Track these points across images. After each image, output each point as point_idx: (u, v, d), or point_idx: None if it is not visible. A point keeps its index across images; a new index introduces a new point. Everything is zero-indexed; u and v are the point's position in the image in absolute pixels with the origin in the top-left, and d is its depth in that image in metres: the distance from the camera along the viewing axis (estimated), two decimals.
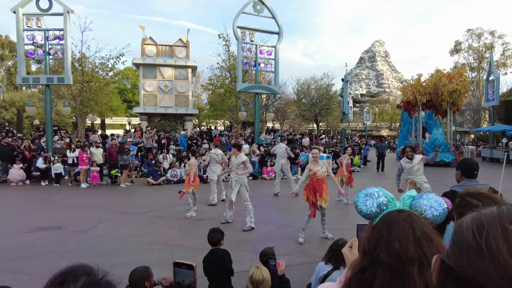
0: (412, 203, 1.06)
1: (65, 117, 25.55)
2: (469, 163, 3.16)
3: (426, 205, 1.04)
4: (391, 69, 69.72)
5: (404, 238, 0.92)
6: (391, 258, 0.90)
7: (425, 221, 1.00)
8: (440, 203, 1.06)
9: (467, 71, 30.07)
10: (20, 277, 4.51)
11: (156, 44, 21.26)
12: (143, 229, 7.07)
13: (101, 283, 0.70)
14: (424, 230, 0.94)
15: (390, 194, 1.09)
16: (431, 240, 0.93)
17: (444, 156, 19.83)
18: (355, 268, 0.98)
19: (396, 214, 0.99)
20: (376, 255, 0.93)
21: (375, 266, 0.92)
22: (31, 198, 10.85)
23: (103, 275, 0.73)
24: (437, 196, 1.08)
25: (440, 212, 1.04)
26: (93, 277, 0.71)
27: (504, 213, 0.53)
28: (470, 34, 42.79)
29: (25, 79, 15.07)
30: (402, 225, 0.95)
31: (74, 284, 0.67)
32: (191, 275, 1.01)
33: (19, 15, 14.26)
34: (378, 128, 54.00)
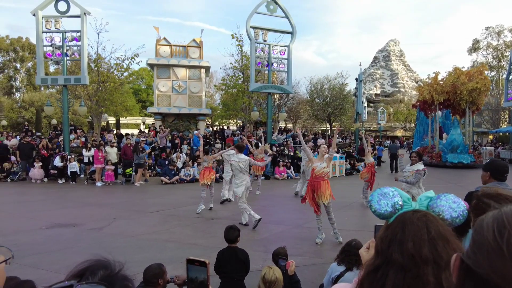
0: (429, 204, 1.04)
1: (81, 116, 26.11)
2: (500, 164, 3.03)
3: (444, 206, 1.01)
4: (406, 68, 68.56)
5: (418, 238, 0.90)
6: (404, 258, 0.89)
7: (442, 222, 0.97)
8: (459, 204, 1.02)
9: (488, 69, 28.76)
10: (38, 272, 4.63)
11: (170, 45, 21.49)
12: (157, 227, 7.15)
13: (118, 276, 0.72)
14: (440, 231, 0.92)
15: (406, 194, 1.06)
16: (447, 241, 0.90)
17: (462, 157, 19.21)
18: (368, 267, 0.96)
19: (411, 214, 0.97)
20: (389, 255, 0.91)
21: (388, 266, 0.90)
22: (49, 195, 11.13)
23: (119, 269, 0.75)
24: (456, 197, 1.05)
25: (459, 214, 1.01)
26: (110, 271, 0.73)
27: None
28: (489, 32, 41.69)
29: (44, 79, 15.49)
30: (417, 225, 0.93)
31: (92, 277, 0.70)
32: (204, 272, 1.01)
33: (39, 18, 14.65)
34: (392, 128, 53.16)
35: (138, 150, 13.34)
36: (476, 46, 42.85)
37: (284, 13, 16.91)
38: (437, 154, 20.15)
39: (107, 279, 0.70)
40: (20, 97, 43.49)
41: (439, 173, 16.85)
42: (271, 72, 17.66)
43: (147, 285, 2.69)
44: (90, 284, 0.67)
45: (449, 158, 19.26)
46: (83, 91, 18.35)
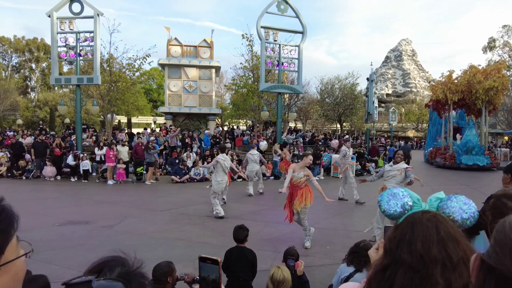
0: (440, 205, 1.03)
1: (93, 116, 26.52)
2: None
3: (455, 207, 1.00)
4: (418, 68, 67.55)
5: (427, 238, 0.89)
6: (413, 259, 0.88)
7: (452, 224, 0.96)
8: (470, 206, 1.01)
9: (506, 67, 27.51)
10: (51, 268, 4.73)
11: (181, 45, 21.67)
12: (167, 226, 7.22)
13: (135, 274, 0.74)
14: (450, 232, 0.91)
15: (416, 195, 1.06)
16: (457, 242, 0.89)
17: (477, 159, 18.35)
18: (376, 267, 0.96)
19: (421, 215, 0.97)
20: (397, 255, 0.91)
21: (396, 266, 0.90)
22: (62, 193, 11.34)
23: (137, 267, 0.77)
24: (467, 199, 1.04)
25: (470, 215, 1.00)
26: (128, 268, 0.75)
27: None
28: (506, 30, 40.70)
29: (58, 79, 15.80)
30: (426, 225, 0.92)
31: (110, 273, 0.71)
32: (216, 270, 1.02)
33: (54, 19, 14.94)
34: (404, 129, 52.45)
35: (148, 148, 13.50)
36: (492, 45, 41.88)
37: (295, 13, 16.85)
38: (450, 156, 19.35)
39: (125, 276, 0.71)
40: (35, 96, 44.46)
41: (451, 174, 16.56)
42: (281, 72, 17.62)
43: (157, 283, 2.72)
44: (108, 280, 0.68)
45: (463, 160, 18.52)
46: (95, 90, 18.64)
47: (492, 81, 18.55)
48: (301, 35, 17.18)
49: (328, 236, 6.64)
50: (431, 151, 21.96)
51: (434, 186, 13.15)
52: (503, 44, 41.01)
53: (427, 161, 22.10)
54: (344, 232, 6.85)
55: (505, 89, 19.48)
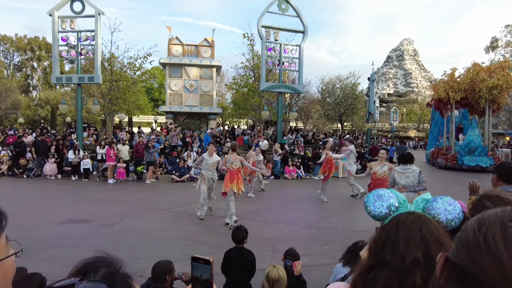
0: (425, 206, 1.04)
1: (94, 115, 26.57)
2: (508, 166, 2.98)
3: (440, 209, 1.02)
4: (420, 68, 67.48)
5: (410, 239, 0.91)
6: (395, 259, 0.90)
7: (437, 225, 0.97)
8: (454, 207, 1.02)
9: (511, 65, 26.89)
10: (51, 266, 4.75)
11: (182, 44, 21.68)
12: (167, 225, 7.24)
13: (120, 274, 0.74)
14: (434, 233, 0.92)
15: (402, 196, 1.07)
16: (441, 244, 0.90)
17: (480, 160, 17.75)
18: (361, 268, 0.98)
19: (406, 216, 0.98)
20: (382, 256, 0.92)
21: (381, 267, 0.92)
22: (62, 192, 11.38)
23: (120, 266, 0.76)
24: (452, 200, 1.05)
25: (455, 216, 1.01)
26: (112, 269, 0.74)
27: (506, 212, 0.56)
28: (509, 30, 40.58)
29: (59, 78, 15.83)
30: (410, 226, 0.93)
31: (94, 275, 0.70)
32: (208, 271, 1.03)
33: (55, 18, 14.97)
34: (405, 129, 52.39)
35: (148, 147, 13.54)
36: (495, 45, 41.76)
37: (295, 13, 16.85)
38: (452, 156, 18.76)
39: (109, 277, 0.71)
40: (36, 95, 44.57)
41: (453, 175, 16.48)
42: (282, 71, 17.63)
43: (156, 281, 2.74)
44: (91, 282, 0.68)
45: (465, 161, 17.99)
46: (96, 89, 18.67)
47: (496, 79, 17.97)
48: (302, 34, 17.18)
49: (327, 235, 6.65)
50: (432, 152, 21.67)
51: (435, 187, 13.15)
52: (506, 43, 40.89)
53: (429, 161, 21.89)
54: (344, 232, 6.85)
55: (509, 87, 18.80)
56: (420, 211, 1.03)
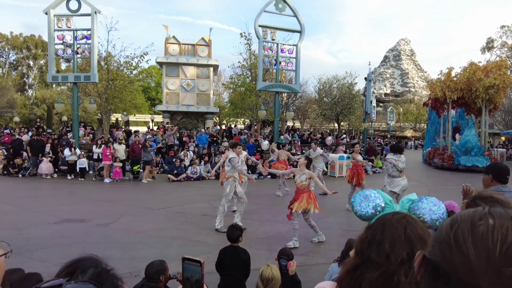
0: (411, 206, 1.06)
1: (91, 114, 26.47)
2: (502, 167, 3.02)
3: (425, 209, 1.04)
4: (416, 68, 67.74)
5: (395, 239, 0.93)
6: (380, 258, 0.91)
7: (422, 225, 0.99)
8: (439, 207, 1.04)
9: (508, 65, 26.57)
10: (46, 265, 4.73)
11: (179, 43, 21.65)
12: (163, 224, 7.23)
13: (108, 275, 0.73)
14: (419, 233, 0.94)
15: (388, 196, 1.08)
16: (425, 243, 0.91)
17: (477, 160, 17.54)
18: (347, 267, 0.99)
19: (391, 216, 1.00)
20: (367, 255, 0.94)
21: (366, 266, 0.93)
22: (58, 191, 11.33)
23: (109, 268, 0.76)
24: (437, 200, 1.07)
25: (439, 216, 1.03)
26: (100, 270, 0.73)
27: (477, 212, 0.59)
28: (505, 31, 40.83)
29: (55, 77, 15.73)
30: (395, 226, 0.95)
31: (82, 276, 0.70)
32: (199, 271, 1.04)
33: (51, 16, 14.88)
34: (402, 128, 52.60)
35: (145, 146, 13.52)
36: (490, 45, 42.02)
37: (292, 12, 16.86)
38: (449, 156, 18.65)
39: (97, 277, 0.70)
40: (32, 94, 44.32)
41: (449, 175, 16.54)
42: (279, 71, 17.64)
43: (149, 281, 2.74)
44: (79, 283, 0.67)
45: (462, 161, 17.90)
46: (93, 88, 18.60)
47: (493, 79, 17.83)
48: (299, 34, 17.19)
49: (324, 235, 6.67)
50: (429, 151, 21.63)
51: (431, 187, 13.23)
52: (501, 44, 41.15)
53: (425, 161, 21.89)
54: (340, 231, 6.88)
55: (506, 87, 18.68)
56: (406, 211, 1.05)
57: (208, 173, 14.39)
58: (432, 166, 19.79)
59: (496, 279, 0.50)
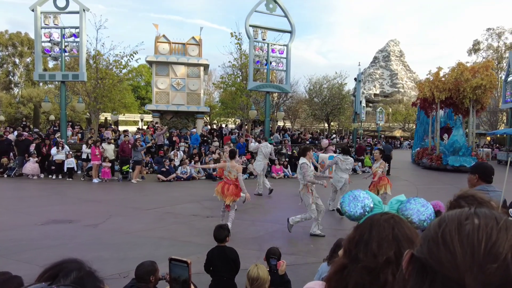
0: (399, 207, 1.08)
1: (79, 113, 26.09)
2: (487, 167, 3.10)
3: (413, 209, 1.06)
4: (405, 69, 68.64)
5: (382, 239, 0.94)
6: (368, 258, 0.93)
7: (409, 225, 1.01)
8: (427, 208, 1.07)
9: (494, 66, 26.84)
10: (32, 268, 4.65)
11: (169, 42, 21.48)
12: (153, 225, 7.18)
13: (91, 278, 0.72)
14: (406, 233, 0.96)
15: (377, 197, 1.10)
16: (412, 243, 0.93)
17: (464, 160, 17.55)
18: (335, 266, 1.01)
19: (379, 216, 1.01)
20: (355, 255, 0.96)
21: (353, 266, 0.95)
22: (45, 191, 11.13)
23: (93, 271, 0.74)
24: (425, 201, 1.09)
25: (427, 217, 1.05)
26: (83, 273, 0.72)
27: (464, 212, 0.61)
28: (490, 34, 41.76)
29: (42, 75, 15.44)
30: (383, 226, 0.97)
31: (64, 279, 0.68)
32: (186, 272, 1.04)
33: (37, 13, 14.61)
34: (391, 128, 53.27)
35: (136, 146, 13.39)
36: (477, 47, 42.91)
37: (283, 12, 16.91)
38: (437, 157, 18.71)
39: (79, 281, 0.69)
40: (18, 92, 43.37)
41: (437, 175, 16.74)
42: (270, 71, 17.67)
43: (139, 282, 2.73)
44: (61, 286, 0.66)
45: (450, 161, 17.97)
46: (81, 87, 18.33)
47: (480, 79, 17.99)
48: (290, 34, 17.25)
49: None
50: (418, 151, 21.70)
51: (419, 186, 13.44)
52: (487, 46, 42.06)
53: (414, 161, 22.05)
54: (329, 230, 6.93)
55: (493, 87, 18.91)
56: (394, 212, 1.07)
57: (199, 173, 14.35)
58: (421, 166, 19.95)
59: (480, 275, 0.52)
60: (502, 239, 0.54)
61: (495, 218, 0.58)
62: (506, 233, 0.55)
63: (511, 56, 26.79)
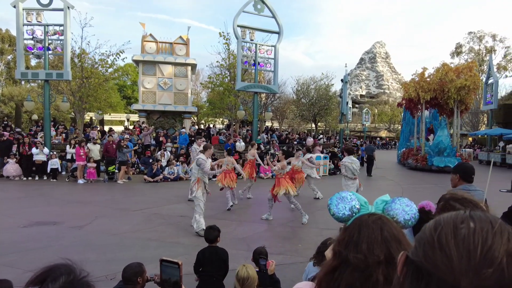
0: (385, 207, 1.11)
1: (64, 112, 25.53)
2: (468, 167, 3.19)
3: (398, 209, 1.09)
4: (391, 70, 69.82)
5: (372, 239, 0.97)
6: (358, 259, 0.95)
7: (396, 225, 1.04)
8: (411, 208, 1.10)
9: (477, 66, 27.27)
10: (15, 272, 4.55)
11: (156, 41, 21.27)
12: (140, 226, 7.10)
13: (81, 283, 0.70)
14: (394, 233, 0.99)
15: (363, 198, 1.13)
16: (399, 242, 0.97)
17: (449, 161, 17.62)
18: (326, 268, 1.02)
19: (367, 217, 1.04)
20: (345, 256, 0.98)
21: (344, 267, 0.97)
22: (28, 193, 10.86)
23: (83, 276, 0.72)
24: (409, 201, 1.13)
25: (411, 216, 1.09)
26: (72, 277, 0.69)
27: (460, 215, 0.62)
28: (472, 37, 42.91)
29: (24, 74, 15.05)
30: (371, 227, 0.99)
31: (52, 284, 0.66)
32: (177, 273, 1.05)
33: (19, 10, 14.23)
34: (377, 129, 54.10)
35: (121, 147, 13.20)
36: (459, 50, 44.02)
37: (271, 13, 16.98)
38: (422, 157, 18.77)
39: (68, 286, 0.66)
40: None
41: (422, 176, 16.96)
42: (258, 71, 17.70)
43: (127, 284, 2.70)
44: None
45: (435, 162, 18.03)
46: (66, 86, 17.94)
47: (464, 80, 18.19)
48: (278, 35, 17.33)
49: (300, 234, 6.79)
50: (403, 152, 21.74)
51: (404, 186, 13.70)
52: (469, 49, 43.20)
53: (400, 161, 22.20)
54: (316, 230, 7.00)
55: (476, 88, 19.09)
56: (380, 212, 1.09)
57: (186, 173, 14.22)
58: (406, 167, 20.06)
59: (475, 279, 0.53)
60: (498, 243, 0.55)
61: (490, 222, 0.58)
62: (501, 237, 0.56)
63: (491, 59, 27.56)
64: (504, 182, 11.36)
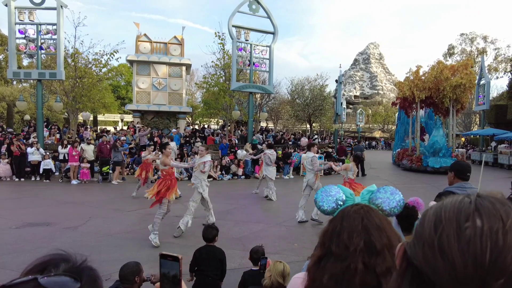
0: (370, 197, 1.13)
1: (57, 112, 25.28)
2: (463, 164, 3.22)
3: (383, 198, 1.11)
4: (385, 71, 70.31)
5: (352, 229, 0.99)
6: (340, 249, 0.97)
7: (380, 214, 1.06)
8: (395, 195, 1.12)
9: (473, 64, 26.66)
10: (6, 273, 4.48)
11: (151, 41, 21.15)
12: (134, 226, 7.05)
13: (83, 267, 0.69)
14: (375, 221, 1.00)
15: (349, 190, 1.15)
16: (382, 230, 0.98)
17: (444, 161, 17.01)
18: (313, 258, 1.04)
19: (350, 208, 1.06)
20: (329, 247, 1.00)
21: (328, 257, 0.99)
22: (21, 194, 10.72)
23: (83, 260, 0.71)
24: (394, 189, 1.16)
25: (396, 204, 1.11)
26: (72, 263, 0.69)
27: (464, 208, 0.51)
28: (464, 39, 43.43)
29: (16, 73, 14.86)
30: (353, 217, 1.01)
31: (55, 270, 0.65)
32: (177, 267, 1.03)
33: (11, 8, 14.06)
34: (371, 129, 54.42)
35: (116, 146, 13.09)
36: (451, 52, 44.52)
37: (266, 13, 16.98)
38: (417, 158, 18.21)
39: (72, 270, 0.66)
40: None
41: (417, 175, 16.91)
42: (253, 71, 17.70)
43: (124, 283, 2.67)
44: (57, 276, 0.63)
45: (430, 163, 17.46)
46: (59, 86, 17.76)
47: (459, 78, 17.68)
48: (272, 35, 17.35)
49: (296, 233, 6.78)
50: (398, 152, 21.38)
51: (398, 185, 13.76)
52: (461, 51, 43.71)
53: (395, 162, 21.94)
54: (312, 229, 7.01)
55: (472, 86, 18.50)
56: (365, 203, 1.11)
57: (181, 174, 14.16)
58: (401, 168, 19.64)
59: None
60: (510, 247, 0.45)
61: (501, 217, 0.48)
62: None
63: (483, 61, 27.88)
64: (496, 181, 11.50)
